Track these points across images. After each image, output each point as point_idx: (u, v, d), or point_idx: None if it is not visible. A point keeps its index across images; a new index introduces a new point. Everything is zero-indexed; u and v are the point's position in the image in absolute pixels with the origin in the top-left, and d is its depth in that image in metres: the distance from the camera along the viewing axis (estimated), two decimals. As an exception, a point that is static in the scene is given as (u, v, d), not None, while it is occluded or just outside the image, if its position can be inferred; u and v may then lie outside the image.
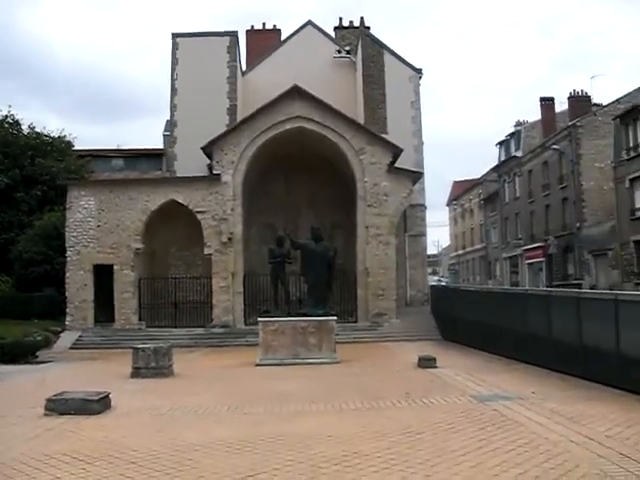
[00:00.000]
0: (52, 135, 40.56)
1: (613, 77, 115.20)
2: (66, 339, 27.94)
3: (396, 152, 29.57)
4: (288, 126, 29.55)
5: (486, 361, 18.48)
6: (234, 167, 29.44)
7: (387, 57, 35.18)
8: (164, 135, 43.68)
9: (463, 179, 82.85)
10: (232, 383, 15.55)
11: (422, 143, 34.98)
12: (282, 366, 18.26)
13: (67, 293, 29.15)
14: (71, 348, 27.04)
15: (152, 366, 16.55)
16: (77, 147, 41.76)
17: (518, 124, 60.17)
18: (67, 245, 29.43)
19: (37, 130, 40.33)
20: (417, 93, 35.25)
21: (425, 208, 35.78)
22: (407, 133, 33.51)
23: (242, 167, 29.60)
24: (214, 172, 29.63)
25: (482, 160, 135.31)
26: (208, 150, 29.77)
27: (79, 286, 29.15)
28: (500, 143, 62.66)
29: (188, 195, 29.45)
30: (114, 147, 43.98)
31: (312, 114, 29.45)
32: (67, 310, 29.08)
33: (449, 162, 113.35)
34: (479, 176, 73.33)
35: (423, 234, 35.39)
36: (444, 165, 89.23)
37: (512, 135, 59.84)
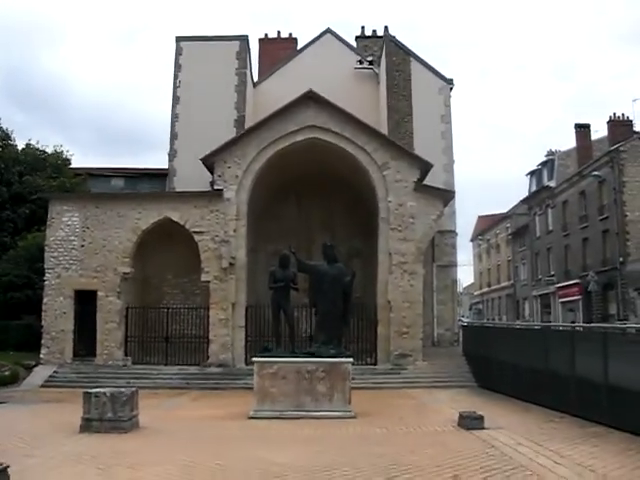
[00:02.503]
0: (47, 151, 37.24)
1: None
2: (38, 375, 24.24)
3: (425, 168, 25.71)
4: (301, 137, 25.80)
5: (544, 419, 14.30)
6: (238, 182, 25.68)
7: (414, 65, 31.50)
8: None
9: (488, 214, 78.92)
10: (210, 447, 11.48)
11: (453, 161, 31.11)
12: (282, 420, 14.28)
13: (43, 322, 25.38)
14: (42, 386, 23.28)
15: (108, 417, 12.60)
16: (75, 165, 38.42)
17: (550, 153, 56.24)
18: (46, 267, 25.73)
19: (33, 146, 37.08)
20: (448, 106, 31.45)
21: (456, 235, 31.75)
22: (436, 150, 29.62)
23: (248, 183, 25.83)
24: (215, 188, 25.88)
25: (506, 195, 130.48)
26: (209, 162, 26.05)
27: (58, 314, 25.37)
28: (531, 173, 58.73)
29: (185, 213, 25.67)
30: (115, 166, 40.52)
31: (328, 123, 25.70)
32: (42, 341, 25.26)
33: (470, 197, 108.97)
34: (505, 210, 69.47)
35: (454, 264, 31.27)
36: (466, 200, 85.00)
37: (544, 164, 55.87)
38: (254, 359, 15.77)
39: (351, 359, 15.54)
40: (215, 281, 25.10)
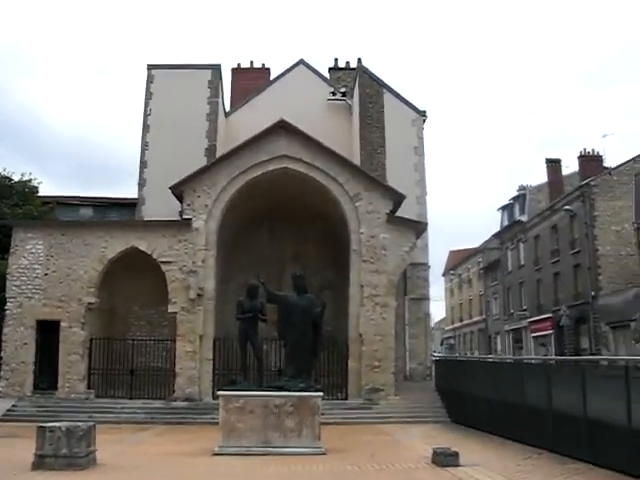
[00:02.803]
0: (14, 179, 36.26)
1: (622, 137, 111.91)
2: (-4, 409, 23.17)
3: (397, 200, 25.39)
4: (272, 167, 25.43)
5: (522, 455, 13.79)
6: (208, 212, 25.15)
7: (387, 97, 31.33)
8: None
9: (460, 248, 79.04)
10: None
11: (426, 193, 30.88)
12: (248, 457, 13.62)
13: (3, 352, 24.42)
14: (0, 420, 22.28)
15: (63, 453, 11.87)
16: (43, 193, 37.50)
17: (522, 188, 56.42)
18: (7, 296, 24.86)
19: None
20: (420, 138, 31.30)
21: (428, 267, 31.38)
22: (409, 182, 29.37)
23: (217, 212, 25.32)
24: (184, 217, 25.32)
25: (479, 229, 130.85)
26: (178, 191, 25.51)
27: (18, 344, 24.42)
28: (503, 208, 58.90)
29: (152, 242, 25.03)
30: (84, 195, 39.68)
31: (300, 153, 25.37)
32: (1, 373, 24.31)
33: (442, 231, 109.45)
34: (477, 244, 69.56)
35: (426, 297, 30.85)
36: (438, 234, 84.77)
37: (516, 199, 56.07)
38: (220, 392, 15.14)
39: (321, 393, 14.98)
40: (182, 312, 24.43)
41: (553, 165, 51.36)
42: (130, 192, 32.24)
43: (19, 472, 11.73)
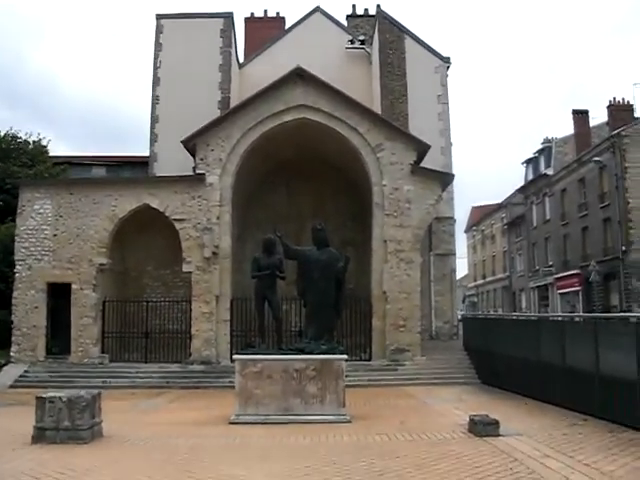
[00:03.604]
0: (22, 138, 35.15)
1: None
2: (8, 374, 22.44)
3: (421, 150, 23.97)
4: (289, 117, 24.06)
5: (566, 422, 12.57)
6: (222, 166, 23.91)
7: (409, 43, 29.70)
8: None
9: (482, 204, 77.28)
10: (178, 462, 9.69)
11: (451, 144, 29.39)
12: (267, 425, 12.55)
13: (13, 317, 23.56)
14: (12, 386, 21.53)
15: (65, 426, 10.82)
16: (53, 153, 36.41)
17: (547, 141, 54.45)
18: (16, 258, 23.90)
19: (8, 132, 34.94)
20: (444, 85, 29.72)
21: (454, 222, 30.04)
22: (433, 132, 27.86)
23: (232, 167, 24.07)
24: (198, 172, 24.09)
25: (502, 183, 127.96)
26: (191, 145, 24.26)
27: (29, 308, 23.55)
28: (527, 161, 57.00)
29: (165, 199, 23.87)
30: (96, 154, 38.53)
31: (318, 102, 23.96)
32: (13, 338, 23.46)
33: (465, 185, 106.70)
34: (501, 200, 67.87)
35: (452, 253, 29.54)
36: (458, 190, 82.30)
37: (541, 152, 54.16)
38: (235, 357, 14.02)
39: (345, 356, 13.81)
40: (197, 272, 23.39)
41: (580, 116, 49.36)
42: (144, 150, 30.98)
43: (19, 446, 10.73)
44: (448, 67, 30.21)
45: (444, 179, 24.53)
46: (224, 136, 24.01)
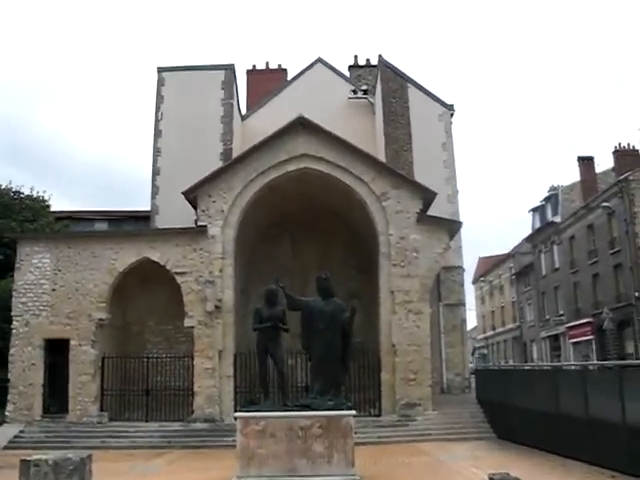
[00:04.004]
0: (23, 193, 34.85)
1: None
2: (3, 435, 21.52)
3: (428, 198, 23.49)
4: (292, 167, 23.69)
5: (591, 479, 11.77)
6: (224, 218, 23.43)
7: (412, 91, 29.52)
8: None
9: (489, 255, 76.62)
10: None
11: (457, 192, 28.94)
12: (271, 488, 11.73)
13: (10, 375, 22.80)
14: (6, 447, 20.61)
15: (52, 493, 10.05)
16: (55, 209, 36.11)
17: (553, 188, 54.12)
18: (13, 314, 23.27)
19: (7, 187, 34.66)
20: (449, 133, 29.42)
21: (463, 271, 29.41)
22: (439, 180, 27.37)
23: (234, 218, 23.58)
24: (199, 224, 23.60)
25: (508, 233, 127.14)
26: (192, 196, 23.84)
27: (26, 366, 22.84)
28: (534, 210, 56.54)
29: (165, 252, 23.33)
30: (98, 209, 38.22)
31: (321, 152, 23.60)
32: (9, 397, 22.67)
33: (469, 236, 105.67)
34: (507, 250, 67.26)
35: (462, 303, 28.83)
36: (466, 238, 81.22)
37: (547, 199, 53.74)
38: (236, 414, 13.26)
39: (353, 412, 13.01)
40: (200, 326, 22.70)
41: (586, 162, 49.06)
42: (147, 205, 30.58)
43: (0, 516, 9.95)
44: (452, 114, 29.97)
45: (452, 227, 23.99)
46: (226, 187, 23.60)
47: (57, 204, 36.14)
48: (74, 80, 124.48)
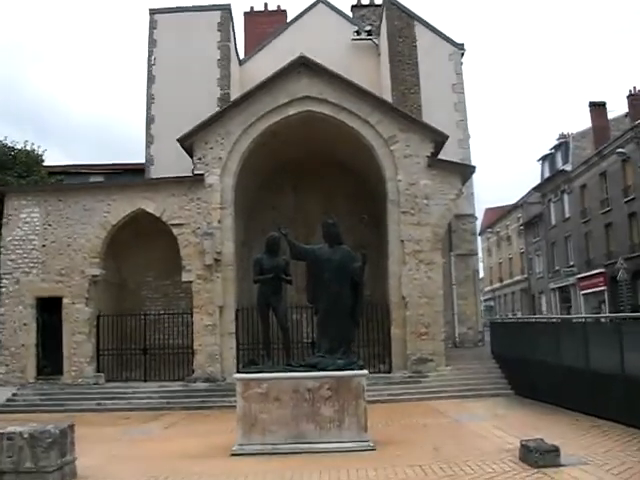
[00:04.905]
0: (17, 148, 33.44)
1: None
2: (-6, 398, 20.49)
3: (439, 141, 21.99)
4: (293, 110, 22.15)
5: (633, 443, 10.53)
6: (222, 165, 22.01)
7: (419, 30, 27.71)
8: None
9: (496, 205, 75.10)
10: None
11: (469, 136, 27.34)
12: (275, 457, 10.56)
13: (1, 335, 21.69)
14: (-3, 411, 19.57)
15: (26, 468, 8.87)
16: (50, 163, 34.74)
17: (563, 136, 52.31)
18: (2, 272, 22.05)
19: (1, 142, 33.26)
20: (459, 74, 27.66)
21: (475, 219, 27.99)
22: (449, 123, 25.69)
23: (233, 166, 22.16)
24: (196, 172, 22.18)
25: (515, 183, 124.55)
26: (188, 143, 22.37)
27: (17, 326, 21.69)
28: (543, 158, 54.88)
29: (161, 203, 21.97)
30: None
31: (324, 93, 22.05)
32: (0, 359, 21.58)
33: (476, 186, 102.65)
34: (514, 200, 65.76)
35: (474, 253, 27.46)
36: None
37: (557, 147, 52.03)
38: (235, 376, 12.02)
39: (365, 371, 11.75)
40: (198, 281, 21.44)
41: (598, 108, 47.28)
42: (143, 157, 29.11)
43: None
44: (462, 54, 28.20)
45: (464, 172, 22.52)
46: (223, 133, 22.13)
47: (53, 160, 34.54)
48: (61, 34, 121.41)
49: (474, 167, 23.14)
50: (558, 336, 16.34)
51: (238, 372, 12.76)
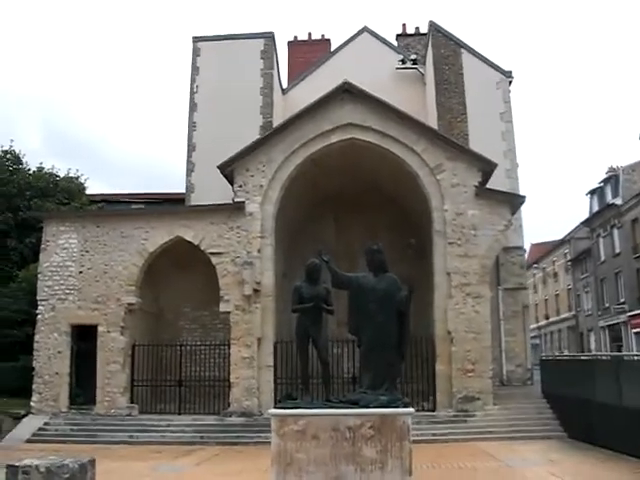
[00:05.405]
0: (60, 176, 33.62)
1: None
2: (26, 427, 20.19)
3: (487, 169, 21.21)
4: (336, 138, 21.62)
5: None
6: (263, 193, 21.50)
7: (466, 57, 27.08)
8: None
9: (542, 241, 73.46)
10: None
11: (517, 165, 26.46)
12: (312, 501, 9.73)
13: (35, 363, 21.30)
14: (29, 440, 19.20)
15: (43, 506, 8.20)
16: (91, 191, 34.85)
17: (612, 170, 50.98)
18: (38, 298, 21.74)
19: (46, 170, 33.46)
20: (507, 102, 26.88)
21: (524, 252, 26.98)
22: (496, 153, 24.83)
23: (274, 194, 21.64)
24: (236, 200, 21.69)
25: (560, 219, 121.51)
26: (228, 170, 21.93)
27: (51, 353, 21.32)
28: (592, 192, 53.48)
29: (200, 231, 21.50)
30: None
31: (368, 120, 21.47)
32: (34, 386, 21.16)
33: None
34: (561, 235, 64.17)
35: (524, 287, 26.38)
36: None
37: (607, 181, 50.66)
38: (270, 411, 11.22)
39: (411, 409, 10.85)
40: (237, 312, 20.81)
41: (649, 141, 45.99)
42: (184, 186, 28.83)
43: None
44: (510, 82, 27.45)
45: (514, 202, 21.61)
46: (265, 160, 21.66)
47: (94, 189, 34.60)
48: (101, 62, 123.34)
49: (524, 197, 22.22)
50: (619, 375, 15.21)
51: (274, 407, 11.93)
